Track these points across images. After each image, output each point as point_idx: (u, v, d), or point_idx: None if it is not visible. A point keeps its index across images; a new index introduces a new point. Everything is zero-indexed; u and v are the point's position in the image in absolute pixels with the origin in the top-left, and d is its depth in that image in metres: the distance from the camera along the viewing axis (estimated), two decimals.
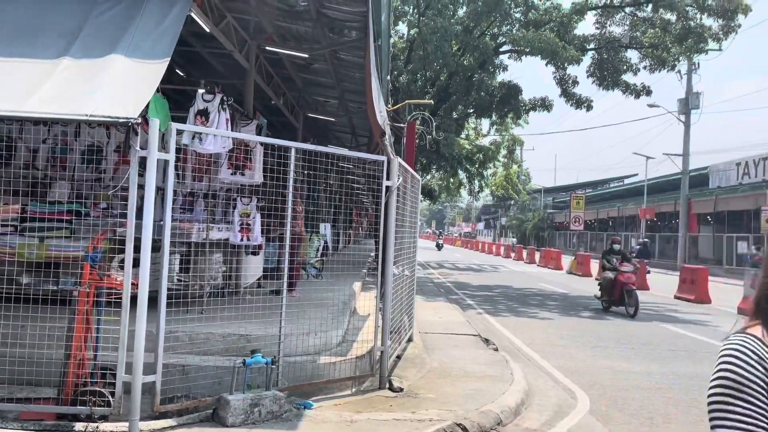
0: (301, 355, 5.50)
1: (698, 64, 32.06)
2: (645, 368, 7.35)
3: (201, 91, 6.76)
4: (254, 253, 7.72)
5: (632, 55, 16.65)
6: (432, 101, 16.70)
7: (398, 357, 6.84)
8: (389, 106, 12.20)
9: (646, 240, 36.57)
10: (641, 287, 19.43)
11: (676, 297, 16.95)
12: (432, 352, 7.41)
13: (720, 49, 27.78)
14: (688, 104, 32.65)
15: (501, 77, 20.32)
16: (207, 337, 5.46)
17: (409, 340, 7.86)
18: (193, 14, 6.42)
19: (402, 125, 13.46)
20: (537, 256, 34.26)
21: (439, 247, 46.78)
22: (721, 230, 33.36)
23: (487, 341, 8.35)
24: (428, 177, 34.23)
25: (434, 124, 14.54)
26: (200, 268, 6.74)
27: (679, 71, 32.11)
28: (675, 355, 8.35)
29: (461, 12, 17.12)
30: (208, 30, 7.41)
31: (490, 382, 6.04)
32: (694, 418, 5.39)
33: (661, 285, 20.65)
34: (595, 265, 24.82)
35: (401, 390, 5.64)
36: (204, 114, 6.66)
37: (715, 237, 32.99)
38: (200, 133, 6.19)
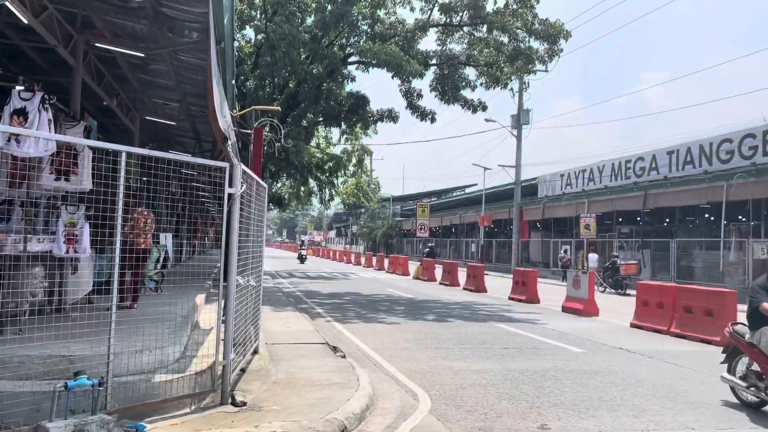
0: (134, 375, 5.12)
1: (528, 83, 34.91)
2: (481, 366, 7.80)
3: (19, 88, 6.11)
4: (76, 268, 7.07)
5: (470, 72, 17.79)
6: (280, 108, 16.55)
7: (242, 370, 6.63)
8: (234, 111, 11.87)
9: (431, 245, 40.88)
10: (479, 290, 20.77)
11: (510, 298, 18.24)
12: (278, 363, 7.28)
13: (546, 71, 30.59)
14: (519, 120, 35.48)
15: (350, 87, 20.69)
16: (23, 360, 4.90)
17: (255, 352, 7.66)
18: (7, 3, 5.77)
19: (249, 131, 13.15)
20: (386, 262, 35.19)
21: (302, 259, 40.22)
22: (549, 235, 36.63)
23: (335, 349, 8.38)
24: (278, 185, 33.84)
25: (283, 131, 14.40)
26: (16, 284, 6.04)
27: (511, 89, 34.66)
28: (507, 352, 8.96)
29: (309, 20, 17.19)
30: (26, 21, 6.70)
31: (337, 390, 6.06)
32: (522, 410, 5.79)
33: (497, 287, 22.12)
34: (439, 271, 26.06)
35: (244, 404, 5.46)
36: (22, 113, 6.02)
37: (543, 242, 36.13)
38: (17, 135, 5.58)
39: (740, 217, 25.41)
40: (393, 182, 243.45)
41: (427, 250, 37.97)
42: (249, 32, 20.06)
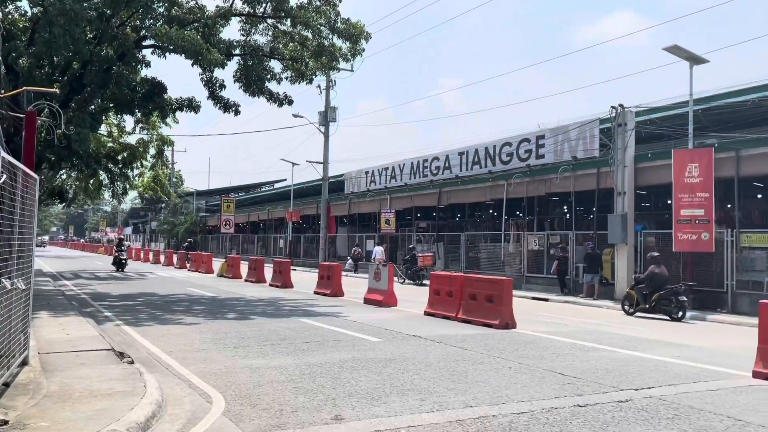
0: None
1: (335, 81, 35.72)
2: (280, 363, 7.73)
3: None
4: None
5: (275, 65, 17.59)
6: (59, 91, 14.83)
7: (6, 384, 5.80)
8: (1, 91, 10.33)
9: (190, 239, 41.09)
10: (285, 286, 20.71)
11: (315, 292, 18.45)
12: (52, 374, 6.50)
13: (352, 70, 31.39)
14: (327, 117, 36.03)
15: (145, 73, 19.27)
16: None
17: (24, 363, 6.77)
18: None
19: (21, 115, 11.58)
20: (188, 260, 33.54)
21: (121, 264, 28.61)
22: (355, 230, 37.78)
23: (121, 355, 7.71)
24: (62, 176, 30.46)
25: (63, 117, 12.91)
26: None
27: (318, 86, 35.33)
28: (309, 346, 9.00)
29: None
30: None
31: (120, 399, 5.56)
32: (318, 403, 5.83)
33: (304, 283, 22.24)
34: (245, 267, 25.47)
35: (5, 423, 4.77)
36: None
37: (350, 236, 37.18)
38: None
39: (518, 212, 28.52)
40: (198, 176, 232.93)
41: (186, 244, 37.41)
42: (24, 4, 17.72)
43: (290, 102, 17.92)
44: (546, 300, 19.50)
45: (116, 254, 29.30)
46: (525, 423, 5.29)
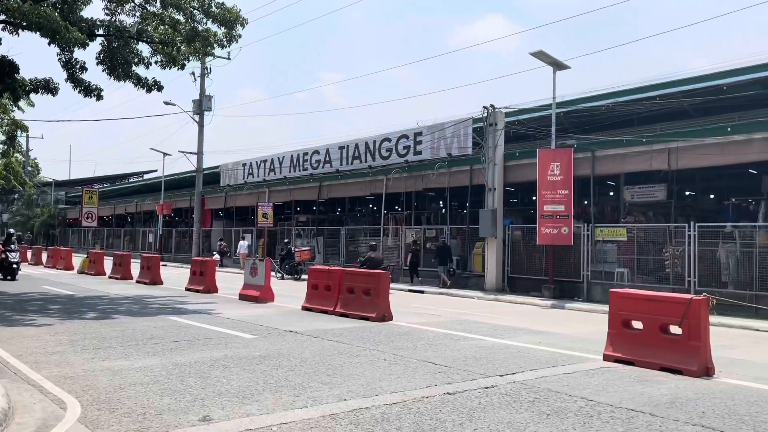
0: None
1: (210, 68, 34.42)
2: (145, 363, 7.29)
3: None
4: None
5: (144, 48, 16.57)
6: None
7: None
8: None
9: (18, 233, 38.24)
10: (154, 282, 19.65)
11: (187, 289, 17.68)
12: None
13: (229, 58, 30.36)
14: (202, 105, 34.63)
15: None
16: None
17: None
18: None
19: None
20: (44, 256, 30.95)
21: (11, 272, 20.21)
22: (231, 224, 36.67)
23: None
24: None
25: None
26: None
27: (192, 73, 33.84)
28: (177, 346, 8.58)
29: None
30: None
31: None
32: (186, 404, 5.56)
33: (175, 279, 21.25)
34: (109, 263, 23.86)
35: None
36: None
37: (225, 231, 36.03)
38: None
39: (396, 207, 29.10)
40: (57, 165, 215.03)
41: (2, 237, 34.28)
42: None
43: (160, 88, 16.96)
44: (422, 292, 20.06)
45: (4, 255, 20.24)
46: (397, 413, 5.37)
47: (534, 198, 20.01)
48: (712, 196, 25.09)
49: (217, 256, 30.24)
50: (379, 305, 11.73)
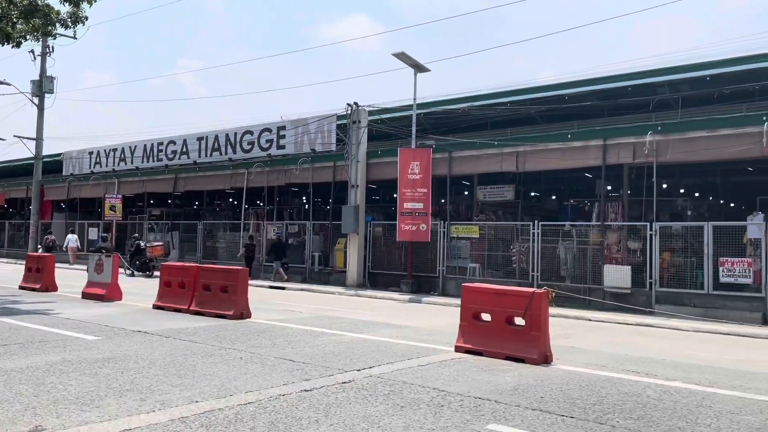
0: None
1: (53, 47, 31.44)
2: None
3: None
4: None
5: None
6: None
7: None
8: None
9: None
10: None
11: (21, 287, 16.05)
12: None
13: (74, 37, 27.91)
14: (42, 87, 31.59)
15: None
16: None
17: None
18: None
19: None
20: None
21: None
22: (75, 217, 33.80)
23: None
24: None
25: None
26: None
27: (32, 51, 30.77)
28: (7, 350, 7.73)
29: None
30: None
31: None
32: (14, 414, 5.01)
33: (8, 276, 19.22)
34: None
35: None
36: None
37: (68, 223, 33.14)
38: None
39: (258, 201, 28.50)
40: None
41: None
42: None
43: None
44: (283, 288, 19.82)
45: None
46: (251, 413, 5.23)
47: (395, 195, 20.55)
48: (554, 197, 27.33)
49: (42, 252, 27.72)
50: (237, 302, 11.40)
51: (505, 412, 5.55)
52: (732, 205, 23.71)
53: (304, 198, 29.23)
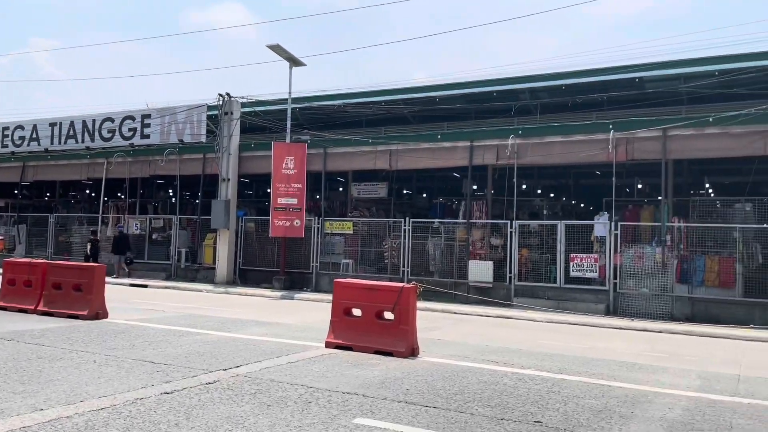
0: None
1: None
2: None
3: None
4: None
5: None
6: None
7: None
8: None
9: None
10: None
11: None
12: None
13: None
14: None
15: None
16: None
17: None
18: None
19: None
20: None
21: None
22: None
23: None
24: None
25: None
26: None
27: None
28: None
29: None
30: None
31: None
32: None
33: None
34: None
35: None
36: None
37: None
38: None
39: (119, 194, 26.73)
40: None
41: None
42: None
43: None
44: (146, 286, 18.76)
45: None
46: (104, 419, 4.87)
47: (269, 190, 20.17)
48: (425, 195, 28.25)
49: None
50: (92, 302, 10.59)
51: (372, 406, 5.62)
52: (582, 205, 25.83)
53: (170, 191, 27.84)
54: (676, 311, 14.43)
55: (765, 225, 14.39)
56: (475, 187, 21.18)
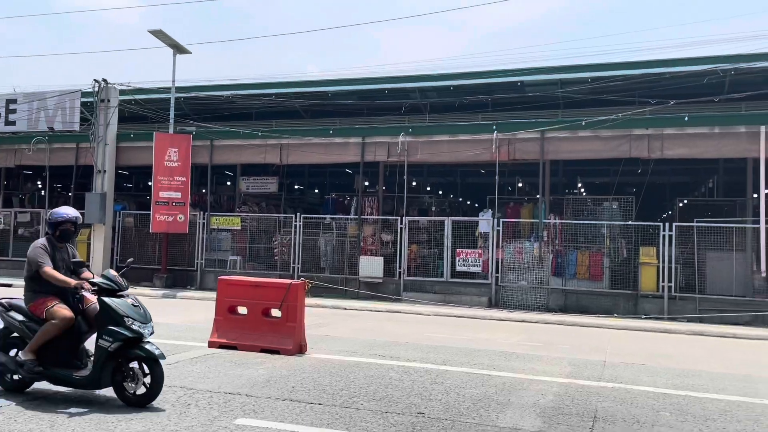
0: None
1: None
2: None
3: None
4: None
5: None
6: None
7: None
8: None
9: None
10: None
11: None
12: None
13: None
14: None
15: None
16: None
17: None
18: None
19: None
20: None
21: None
22: None
23: None
24: None
25: None
26: None
27: None
28: None
29: None
30: None
31: None
32: None
33: None
34: None
35: None
36: None
37: None
38: None
39: None
40: None
41: None
42: None
43: None
44: (10, 285, 17.19)
45: None
46: None
47: (150, 184, 19.15)
48: (317, 191, 28.09)
49: None
50: None
51: (256, 405, 5.49)
52: (469, 202, 26.81)
53: (39, 183, 25.72)
54: (551, 303, 15.33)
55: (629, 222, 15.62)
56: (367, 183, 21.33)
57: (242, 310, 8.56)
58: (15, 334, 5.63)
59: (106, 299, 5.36)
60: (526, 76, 18.73)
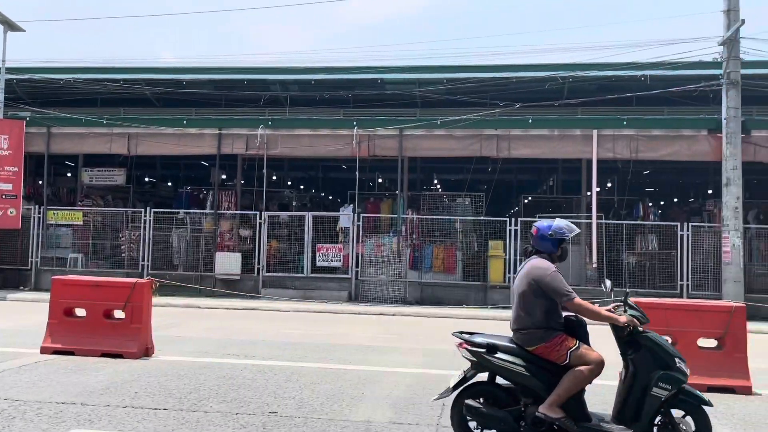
0: None
1: None
2: None
3: None
4: None
5: None
6: None
7: None
8: None
9: None
10: None
11: None
12: None
13: None
14: None
15: None
16: None
17: None
18: None
19: None
20: None
21: None
22: None
23: None
24: None
25: None
26: None
27: None
28: None
29: None
30: None
31: None
32: None
33: None
34: None
35: None
36: None
37: None
38: None
39: None
40: None
41: None
42: None
43: None
44: None
45: None
46: None
47: None
48: (170, 184, 26.66)
49: None
50: None
51: (92, 415, 5.06)
52: (330, 197, 26.86)
53: None
54: (409, 295, 15.80)
55: (480, 217, 16.51)
56: (224, 176, 20.60)
57: (80, 312, 7.89)
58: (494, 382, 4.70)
59: None
60: (385, 74, 19.12)
